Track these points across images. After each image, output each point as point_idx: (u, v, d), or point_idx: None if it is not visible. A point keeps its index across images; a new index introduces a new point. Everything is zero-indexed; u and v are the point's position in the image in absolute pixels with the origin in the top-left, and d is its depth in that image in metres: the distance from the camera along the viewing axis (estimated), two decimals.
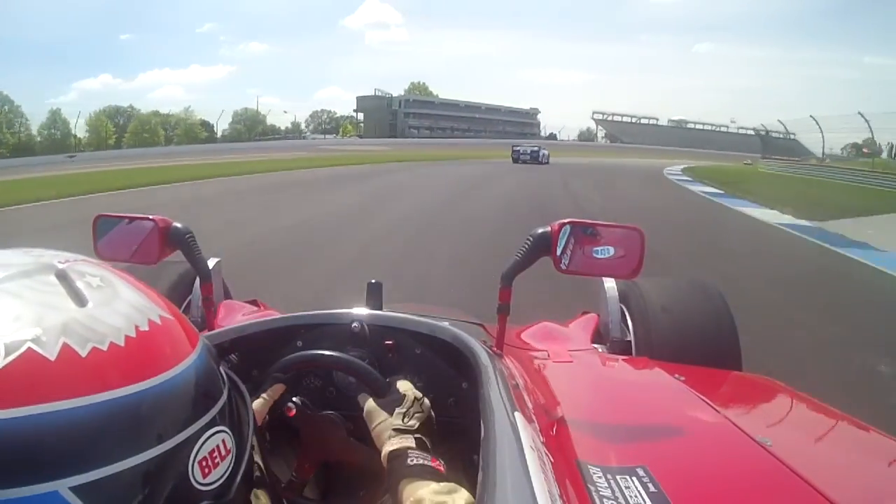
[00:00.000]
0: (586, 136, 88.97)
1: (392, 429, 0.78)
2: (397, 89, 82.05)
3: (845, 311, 4.28)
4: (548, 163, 27.57)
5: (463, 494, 0.64)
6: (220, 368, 0.48)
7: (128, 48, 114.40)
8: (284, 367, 0.86)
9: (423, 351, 0.96)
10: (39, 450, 0.33)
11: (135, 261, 1.10)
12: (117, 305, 0.40)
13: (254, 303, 1.87)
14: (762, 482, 0.73)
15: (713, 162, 37.23)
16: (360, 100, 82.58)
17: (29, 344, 0.35)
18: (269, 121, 70.77)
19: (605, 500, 0.66)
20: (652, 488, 0.68)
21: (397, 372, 0.94)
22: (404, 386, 0.84)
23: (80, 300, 0.39)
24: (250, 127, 66.02)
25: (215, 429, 0.42)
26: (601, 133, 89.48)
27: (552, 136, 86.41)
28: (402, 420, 0.79)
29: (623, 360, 1.37)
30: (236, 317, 1.55)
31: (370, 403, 0.82)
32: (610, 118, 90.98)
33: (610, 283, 1.65)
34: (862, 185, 18.37)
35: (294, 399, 0.88)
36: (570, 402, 0.97)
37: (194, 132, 58.37)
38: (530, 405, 0.89)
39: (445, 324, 0.99)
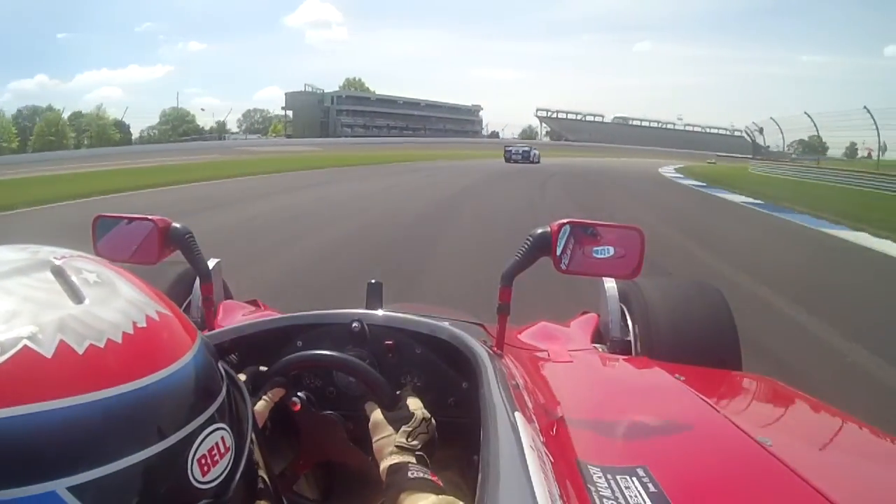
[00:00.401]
0: (528, 134, 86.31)
1: (395, 445, 0.78)
2: (334, 87, 76.27)
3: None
4: (538, 162, 29.89)
5: None
6: (219, 365, 0.48)
7: (64, 48, 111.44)
8: (282, 369, 0.86)
9: (423, 351, 0.96)
10: (36, 449, 0.32)
11: (135, 261, 1.10)
12: (115, 302, 0.40)
13: (254, 303, 1.87)
14: (762, 482, 0.73)
15: (684, 162, 37.15)
16: (289, 97, 75.51)
17: (25, 342, 0.34)
18: (201, 120, 66.37)
19: (605, 499, 0.66)
20: (652, 488, 0.68)
21: (398, 372, 0.94)
22: (414, 404, 0.83)
23: (77, 297, 0.38)
24: (177, 127, 61.54)
25: (214, 426, 0.41)
26: (544, 130, 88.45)
27: (494, 135, 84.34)
28: (407, 439, 0.78)
29: (623, 360, 1.37)
30: (236, 317, 1.55)
31: (378, 415, 0.81)
32: (554, 115, 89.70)
33: (610, 283, 1.65)
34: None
35: (299, 394, 0.88)
36: (570, 402, 0.97)
37: (107, 134, 52.45)
38: (530, 405, 0.89)
39: (445, 324, 0.99)
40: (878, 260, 6.44)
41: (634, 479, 0.70)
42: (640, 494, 0.67)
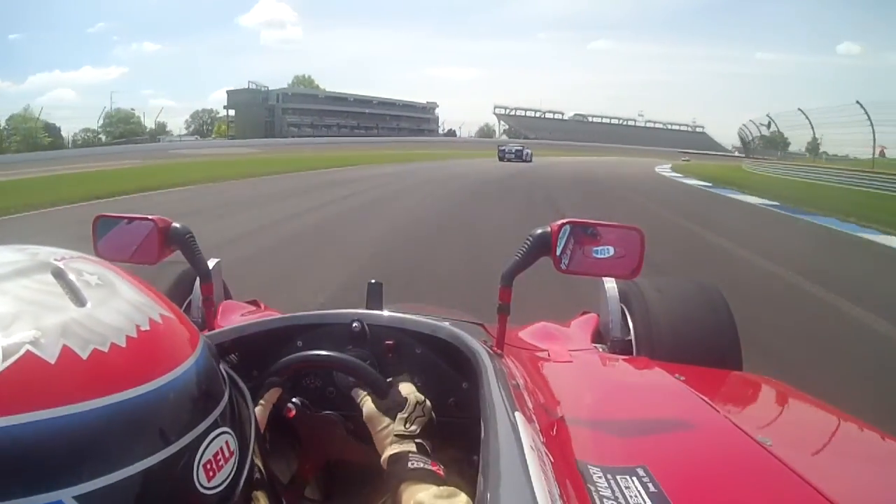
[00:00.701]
0: (486, 133, 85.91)
1: (394, 434, 0.78)
2: (284, 86, 70.34)
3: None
4: (531, 161, 30.81)
5: (462, 499, 0.64)
6: (221, 367, 0.47)
7: (17, 49, 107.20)
8: (283, 368, 0.86)
9: (424, 351, 0.96)
10: (41, 458, 0.32)
11: (135, 261, 1.10)
12: (117, 304, 0.39)
13: (254, 303, 1.87)
14: (762, 482, 0.73)
15: (658, 161, 37.24)
16: (231, 95, 69.22)
17: (28, 347, 0.33)
18: (152, 122, 61.96)
19: (605, 500, 0.66)
20: (652, 488, 0.68)
21: (398, 372, 0.94)
22: (406, 389, 0.84)
23: (79, 299, 0.38)
24: (119, 130, 57.10)
25: (218, 430, 0.41)
26: (502, 128, 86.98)
27: (451, 133, 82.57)
28: (405, 425, 0.79)
29: (623, 360, 1.37)
30: (236, 317, 1.55)
31: (371, 408, 0.81)
32: (512, 113, 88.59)
33: (610, 283, 1.65)
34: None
35: (293, 400, 0.88)
36: (571, 402, 0.97)
37: (35, 137, 46.75)
38: (530, 405, 0.89)
39: (446, 324, 0.99)
40: None
41: (634, 479, 0.70)
42: (640, 494, 0.67)
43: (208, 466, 0.39)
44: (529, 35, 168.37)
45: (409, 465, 0.71)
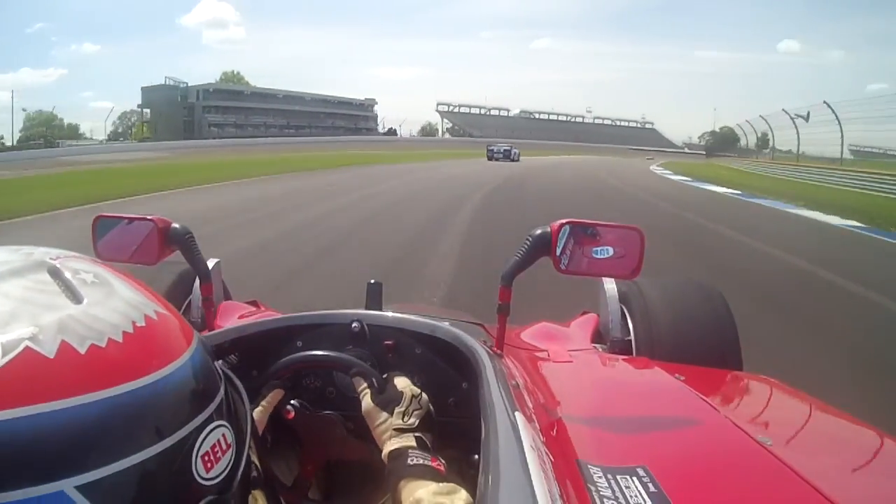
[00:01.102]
0: (429, 131, 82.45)
1: (393, 429, 0.78)
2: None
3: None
4: (518, 160, 31.80)
5: (462, 495, 0.64)
6: (216, 364, 0.48)
7: None
8: (279, 371, 0.87)
9: (423, 351, 0.96)
10: (43, 450, 0.32)
11: (134, 261, 1.10)
12: (113, 302, 0.40)
13: (253, 303, 1.87)
14: (762, 482, 0.73)
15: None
16: (145, 92, 61.25)
17: (27, 343, 0.34)
18: (77, 123, 57.16)
19: (605, 499, 0.66)
20: (652, 488, 0.68)
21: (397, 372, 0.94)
22: (402, 383, 0.84)
23: (76, 297, 0.38)
24: (45, 132, 53.18)
25: (215, 423, 0.42)
26: (445, 126, 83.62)
27: (392, 132, 76.30)
28: (403, 419, 0.79)
29: (623, 360, 1.37)
30: (235, 317, 1.55)
31: (369, 403, 0.82)
32: (455, 110, 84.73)
33: (610, 283, 1.65)
34: None
35: (292, 402, 0.88)
36: (571, 402, 0.97)
37: None
38: (530, 405, 0.89)
39: (445, 324, 0.99)
40: None
41: (634, 478, 0.70)
42: (641, 494, 0.67)
43: (206, 458, 0.40)
44: (472, 34, 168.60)
45: (409, 461, 0.71)
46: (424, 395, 0.84)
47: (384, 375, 0.86)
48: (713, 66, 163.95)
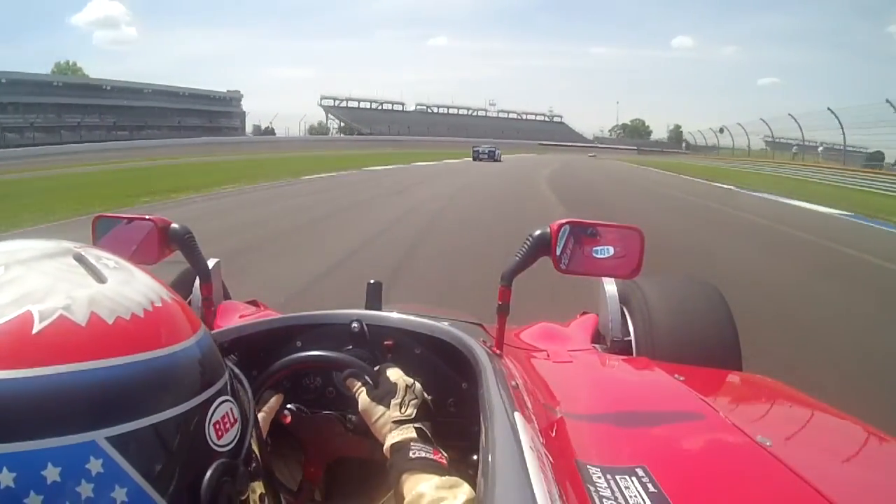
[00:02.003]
0: (319, 130, 70.24)
1: (392, 421, 0.78)
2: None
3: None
4: (500, 160, 32.69)
5: (464, 489, 0.64)
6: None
7: None
8: (274, 373, 0.87)
9: (423, 351, 0.96)
10: (76, 403, 0.36)
11: (134, 261, 1.08)
12: (134, 284, 0.45)
13: (253, 303, 1.87)
14: (762, 483, 0.73)
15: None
16: None
17: (61, 311, 0.38)
18: None
19: (604, 500, 0.66)
20: (651, 488, 0.68)
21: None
22: (394, 374, 0.84)
23: (100, 278, 0.43)
24: None
25: (223, 397, 0.46)
26: (336, 124, 71.58)
27: (268, 132, 62.25)
28: (400, 410, 0.79)
29: (623, 360, 1.37)
30: (235, 317, 1.55)
31: (365, 400, 0.82)
32: (343, 104, 72.79)
33: (609, 283, 1.65)
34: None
35: (288, 406, 0.89)
36: (570, 403, 0.97)
37: None
38: (530, 405, 0.88)
39: (445, 324, 0.99)
40: None
41: (634, 479, 0.70)
42: (640, 494, 0.67)
43: (217, 426, 0.45)
44: (368, 33, 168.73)
45: (411, 454, 0.71)
46: (418, 384, 0.84)
47: (375, 368, 0.86)
48: (610, 63, 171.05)
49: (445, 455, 0.72)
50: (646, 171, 27.44)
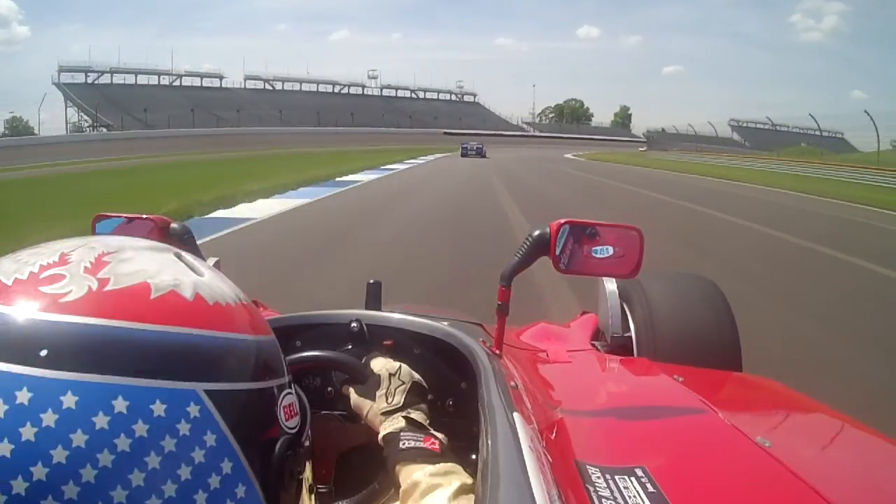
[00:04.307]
0: (78, 128, 47.99)
1: (381, 413, 0.78)
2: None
3: None
4: (486, 157, 32.18)
5: (460, 476, 0.65)
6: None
7: None
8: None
9: (422, 351, 0.96)
10: (185, 358, 0.42)
11: None
12: (225, 281, 0.52)
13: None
14: (761, 484, 0.73)
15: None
16: None
17: (172, 287, 0.45)
18: None
19: (604, 500, 0.66)
20: (651, 489, 0.68)
21: None
22: (377, 364, 0.85)
23: (198, 273, 0.49)
24: None
25: (289, 390, 0.52)
26: (82, 120, 46.50)
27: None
28: (387, 401, 0.79)
29: (622, 360, 1.37)
30: None
31: (354, 397, 0.83)
32: (97, 79, 47.12)
33: (609, 283, 1.65)
34: None
35: None
36: (569, 403, 0.97)
37: None
38: (529, 405, 0.88)
39: (444, 324, 0.99)
40: None
41: (633, 479, 0.70)
42: (639, 495, 0.67)
43: (286, 410, 0.50)
44: (267, 27, 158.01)
45: (401, 444, 0.71)
46: (404, 367, 0.84)
47: (362, 360, 0.86)
48: (514, 54, 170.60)
49: (440, 439, 0.73)
50: None
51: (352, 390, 0.83)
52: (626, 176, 20.47)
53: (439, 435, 0.75)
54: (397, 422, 0.76)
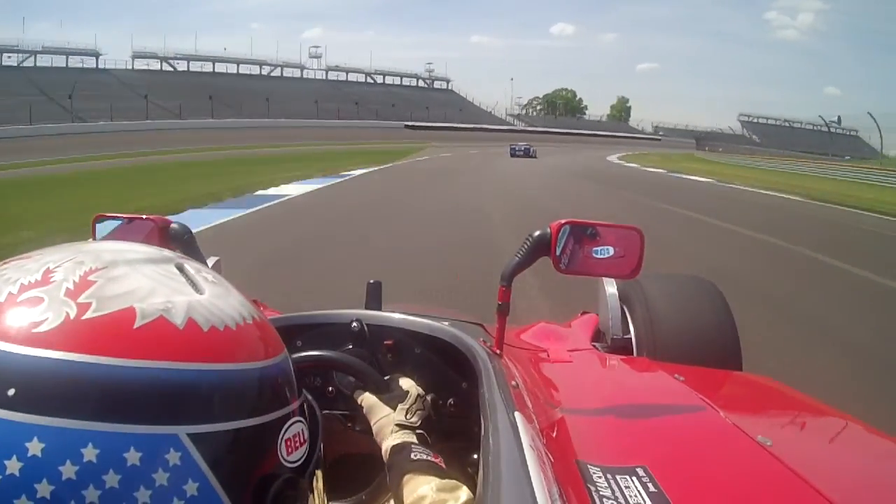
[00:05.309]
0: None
1: (395, 424, 0.79)
2: None
3: None
4: (535, 157, 31.23)
5: (464, 492, 0.64)
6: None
7: None
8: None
9: (423, 351, 0.96)
10: (166, 398, 0.39)
11: None
12: (229, 299, 0.47)
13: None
14: (762, 483, 0.73)
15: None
16: None
17: (161, 313, 0.41)
18: None
19: (604, 499, 0.66)
20: (652, 488, 0.68)
21: (397, 372, 0.94)
22: (407, 383, 0.85)
23: (199, 289, 0.45)
24: None
25: (297, 418, 0.48)
26: None
27: None
28: (405, 416, 0.80)
29: (622, 360, 1.37)
30: None
31: (371, 398, 0.82)
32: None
33: (609, 283, 1.65)
34: None
35: None
36: (570, 402, 0.97)
37: None
38: (530, 405, 0.88)
39: (445, 324, 0.99)
40: None
41: (634, 478, 0.70)
42: (640, 494, 0.67)
43: (289, 443, 0.46)
44: (241, 26, 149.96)
45: (412, 456, 0.71)
46: (429, 398, 0.85)
47: (386, 378, 0.86)
48: (489, 52, 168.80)
49: (443, 460, 0.73)
50: None
51: (369, 394, 0.83)
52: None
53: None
54: (409, 436, 0.77)
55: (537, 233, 1.02)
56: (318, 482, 0.55)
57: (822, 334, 3.90)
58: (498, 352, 1.05)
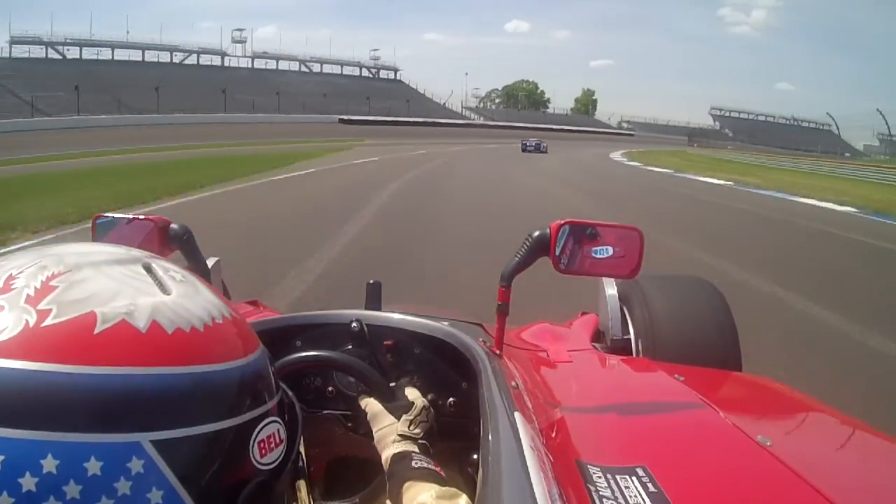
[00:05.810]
0: None
1: (398, 433, 0.78)
2: None
3: None
4: (546, 152, 31.21)
5: (464, 499, 0.64)
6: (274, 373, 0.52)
7: None
8: (289, 365, 0.87)
9: (423, 351, 0.96)
10: (127, 404, 0.38)
11: None
12: (197, 298, 0.45)
13: (253, 304, 1.87)
14: (762, 483, 0.73)
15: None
16: None
17: (123, 316, 0.40)
18: None
19: (604, 499, 0.66)
20: (652, 488, 0.68)
21: (397, 372, 0.94)
22: (413, 394, 0.85)
23: (165, 289, 0.44)
24: None
25: (272, 418, 0.46)
26: None
27: None
28: (409, 427, 0.80)
29: (622, 360, 1.37)
30: None
31: (376, 406, 0.82)
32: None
33: (609, 283, 1.65)
34: None
35: None
36: (570, 402, 0.97)
37: None
38: (530, 405, 0.88)
39: (444, 324, 0.99)
40: None
41: (634, 478, 0.70)
42: (640, 494, 0.67)
43: (262, 445, 0.45)
44: (191, 25, 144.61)
45: (413, 464, 0.71)
46: (433, 410, 0.85)
47: (391, 385, 0.86)
48: (443, 49, 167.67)
49: (443, 470, 0.73)
50: None
51: (373, 401, 0.83)
52: None
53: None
54: (411, 445, 0.77)
55: (537, 233, 1.02)
56: (302, 491, 0.54)
57: None
58: (498, 352, 1.05)
